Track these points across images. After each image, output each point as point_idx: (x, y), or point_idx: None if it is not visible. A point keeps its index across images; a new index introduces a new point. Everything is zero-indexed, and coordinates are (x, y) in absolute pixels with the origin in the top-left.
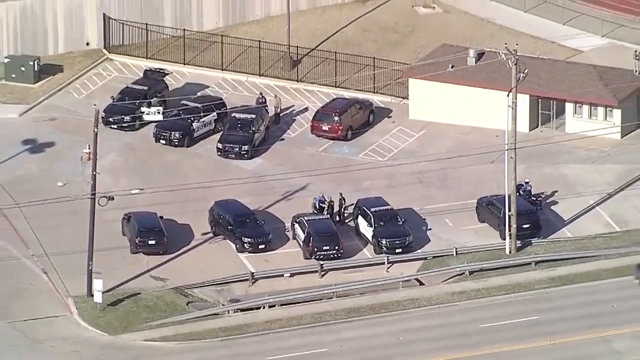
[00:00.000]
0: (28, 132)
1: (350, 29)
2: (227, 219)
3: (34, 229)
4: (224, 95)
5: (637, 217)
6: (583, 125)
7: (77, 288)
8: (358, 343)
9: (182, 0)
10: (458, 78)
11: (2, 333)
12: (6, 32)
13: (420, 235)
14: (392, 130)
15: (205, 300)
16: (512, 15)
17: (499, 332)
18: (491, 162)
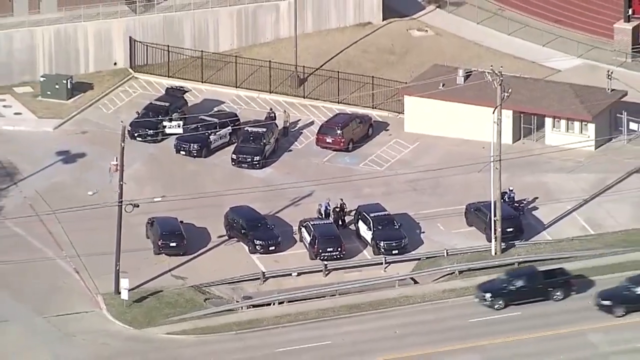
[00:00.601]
0: (61, 144)
1: (352, 50)
2: (240, 223)
3: (67, 233)
4: (238, 111)
5: (609, 222)
6: (561, 138)
7: (106, 286)
8: (358, 336)
9: (200, 24)
10: (448, 95)
11: (38, 327)
12: (42, 53)
13: (415, 237)
14: (389, 142)
15: (221, 297)
16: (497, 38)
17: (486, 326)
18: (478, 171)
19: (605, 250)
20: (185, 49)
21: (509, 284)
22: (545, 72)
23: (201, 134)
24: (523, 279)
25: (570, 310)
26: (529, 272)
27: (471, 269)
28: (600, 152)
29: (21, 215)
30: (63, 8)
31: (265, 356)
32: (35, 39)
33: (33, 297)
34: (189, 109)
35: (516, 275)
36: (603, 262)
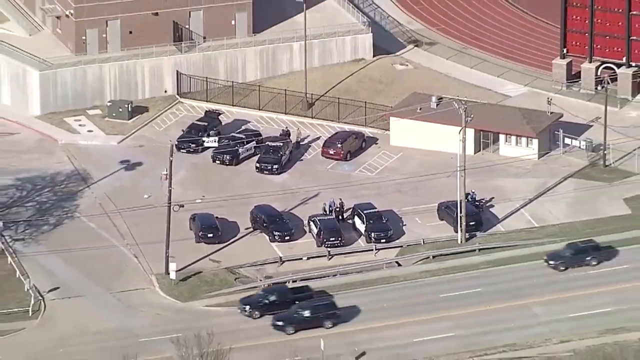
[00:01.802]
0: (124, 155)
1: (349, 80)
2: (262, 218)
3: (128, 226)
4: (261, 129)
5: (549, 217)
6: (512, 150)
7: (158, 268)
8: (365, 308)
9: (231, 60)
10: (424, 117)
11: (106, 301)
12: (109, 83)
13: (398, 229)
14: (378, 153)
15: (247, 277)
16: (461, 71)
17: (457, 300)
18: (447, 176)
19: (545, 240)
20: (220, 80)
21: (264, 298)
22: (499, 98)
23: (232, 147)
24: (275, 295)
25: None
26: (280, 289)
27: (442, 254)
28: (542, 161)
29: (93, 214)
30: (125, 48)
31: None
32: (104, 72)
33: (102, 277)
34: (222, 128)
35: (270, 292)
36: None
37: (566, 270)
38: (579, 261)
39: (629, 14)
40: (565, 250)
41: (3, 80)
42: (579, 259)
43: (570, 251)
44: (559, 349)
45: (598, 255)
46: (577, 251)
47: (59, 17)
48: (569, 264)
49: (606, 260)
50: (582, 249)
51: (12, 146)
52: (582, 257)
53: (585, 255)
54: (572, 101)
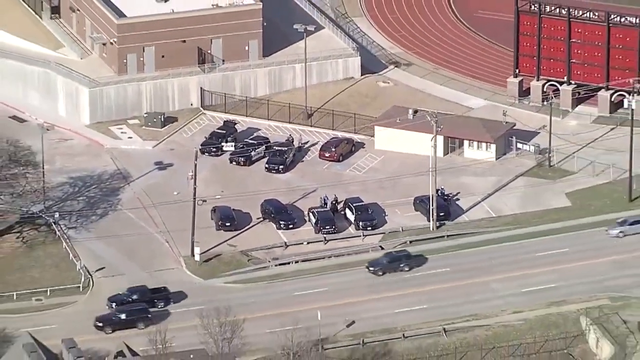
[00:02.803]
0: (157, 158)
1: (342, 95)
2: (270, 209)
3: (161, 216)
4: (269, 135)
5: (505, 208)
6: (474, 153)
7: (185, 251)
8: (347, 285)
9: (245, 79)
10: (403, 126)
11: (142, 278)
12: (145, 98)
13: (381, 219)
14: (365, 155)
15: (258, 259)
16: (434, 87)
17: (429, 277)
18: (421, 174)
19: (500, 227)
20: (236, 95)
21: (127, 297)
22: (463, 110)
23: (246, 151)
24: (137, 294)
25: None
26: (140, 289)
27: (417, 240)
28: (499, 162)
29: (132, 207)
30: (158, 70)
31: (286, 297)
32: (141, 89)
33: (140, 258)
34: (238, 135)
35: (133, 291)
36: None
37: (384, 275)
38: (394, 267)
39: (569, 41)
40: (383, 259)
41: (60, 96)
42: (394, 265)
43: (386, 259)
44: (513, 318)
45: (410, 262)
46: (392, 259)
47: (105, 44)
48: (385, 269)
49: (417, 266)
50: (396, 257)
51: (67, 150)
52: (397, 264)
53: (399, 262)
54: (523, 112)
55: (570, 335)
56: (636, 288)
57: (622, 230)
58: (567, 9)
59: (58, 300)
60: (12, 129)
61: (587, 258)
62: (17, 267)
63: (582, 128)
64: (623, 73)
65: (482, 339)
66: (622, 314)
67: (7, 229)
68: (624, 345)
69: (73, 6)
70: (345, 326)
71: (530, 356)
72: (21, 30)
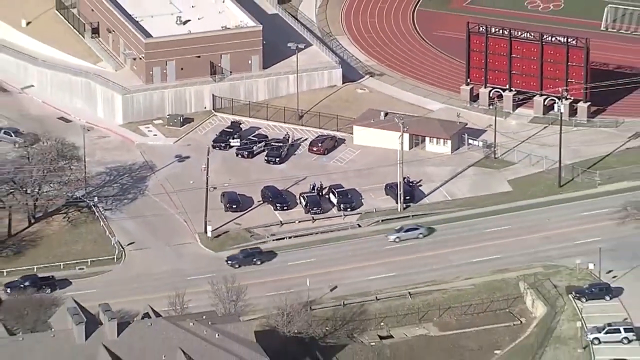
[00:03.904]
0: (177, 152)
1: (326, 100)
2: (269, 194)
3: (180, 200)
4: (268, 133)
5: (458, 193)
6: (435, 147)
7: (199, 229)
8: (330, 256)
9: (249, 87)
10: (376, 125)
11: (165, 251)
12: (167, 102)
13: (359, 202)
14: (346, 150)
15: (259, 234)
16: (401, 93)
17: (397, 250)
18: (391, 165)
19: (455, 208)
20: (241, 100)
21: (20, 283)
22: (425, 112)
23: (249, 146)
24: (29, 281)
25: None
26: (32, 277)
27: (387, 219)
28: (454, 155)
29: (157, 192)
30: (178, 79)
31: (281, 267)
32: (164, 95)
33: (162, 234)
34: (242, 133)
35: (26, 279)
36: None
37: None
38: (248, 262)
39: (510, 56)
40: (239, 254)
41: (98, 101)
42: (248, 260)
43: (242, 255)
44: (465, 284)
45: (261, 257)
46: (246, 255)
47: (135, 59)
48: (240, 263)
49: (267, 261)
50: (250, 254)
51: (104, 145)
52: (251, 259)
53: (252, 257)
54: (473, 114)
55: (511, 297)
56: (563, 258)
57: (399, 236)
58: (508, 30)
59: (96, 269)
60: (59, 129)
61: (525, 234)
62: (64, 242)
63: (521, 127)
64: (553, 82)
65: (440, 301)
66: (552, 280)
67: (55, 210)
68: (554, 305)
69: (109, 27)
70: (329, 290)
71: (479, 314)
72: (68, 47)
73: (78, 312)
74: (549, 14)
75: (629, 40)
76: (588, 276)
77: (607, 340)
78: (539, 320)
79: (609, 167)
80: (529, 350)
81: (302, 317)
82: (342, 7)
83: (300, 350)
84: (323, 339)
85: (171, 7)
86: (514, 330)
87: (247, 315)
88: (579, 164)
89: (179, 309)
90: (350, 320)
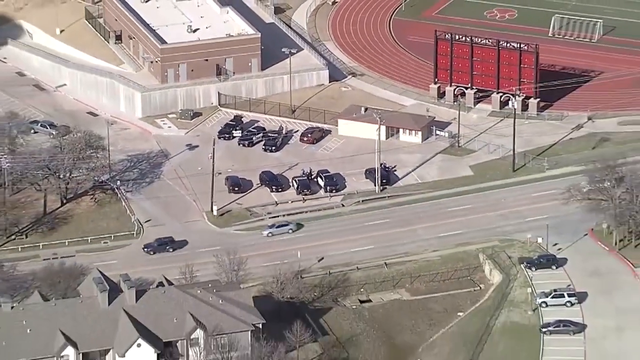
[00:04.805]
0: (188, 141)
1: (315, 97)
2: (266, 178)
3: (191, 183)
4: (265, 125)
5: (427, 176)
6: (408, 137)
7: (206, 208)
8: (320, 231)
9: (249, 86)
10: (357, 119)
11: (177, 227)
12: (180, 99)
13: (342, 184)
14: (332, 139)
15: (257, 213)
16: (379, 91)
17: (375, 226)
18: (370, 153)
19: (424, 189)
20: (243, 97)
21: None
22: (399, 107)
23: (249, 136)
24: None
25: None
26: None
27: (367, 199)
28: (423, 144)
29: (170, 177)
30: (189, 79)
31: (276, 241)
32: (177, 93)
33: (175, 213)
34: (244, 125)
35: None
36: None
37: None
38: (162, 249)
39: (472, 59)
40: (154, 242)
41: (121, 98)
42: (162, 247)
43: (157, 243)
44: (432, 255)
45: (173, 245)
46: (160, 243)
47: (152, 62)
48: (155, 250)
49: (179, 248)
50: (164, 242)
51: (126, 136)
52: (164, 247)
53: (166, 245)
54: (440, 109)
55: (472, 267)
56: (516, 233)
57: (271, 231)
58: (470, 37)
59: (118, 243)
60: (88, 122)
61: (484, 212)
62: (91, 219)
63: (481, 120)
64: (508, 81)
65: (411, 270)
66: (507, 252)
67: (84, 192)
68: (508, 274)
69: (130, 35)
70: (317, 261)
71: (445, 281)
72: (95, 51)
73: (102, 281)
74: (505, 22)
75: (573, 45)
76: (537, 249)
77: (553, 304)
78: (495, 287)
79: (555, 155)
80: (487, 312)
81: (293, 285)
82: (329, 16)
83: (292, 312)
84: (312, 303)
85: (183, 17)
86: (474, 295)
87: (246, 282)
88: (530, 152)
89: (189, 278)
90: (335, 286)
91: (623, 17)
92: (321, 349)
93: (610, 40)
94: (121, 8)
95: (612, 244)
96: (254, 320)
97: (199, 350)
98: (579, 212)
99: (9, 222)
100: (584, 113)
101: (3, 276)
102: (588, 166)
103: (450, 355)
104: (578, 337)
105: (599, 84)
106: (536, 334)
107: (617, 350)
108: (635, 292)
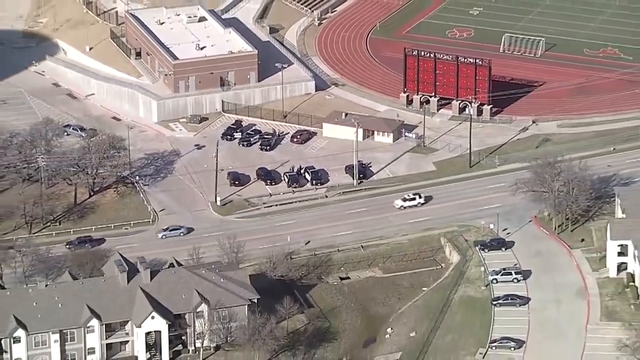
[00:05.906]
0: (196, 142)
1: (305, 104)
2: (262, 173)
3: (199, 178)
4: (261, 128)
5: (398, 171)
6: (381, 138)
7: (211, 199)
8: (309, 219)
9: (248, 95)
10: (338, 123)
11: (186, 216)
12: (189, 106)
13: (326, 179)
14: (317, 140)
15: (254, 203)
16: (358, 99)
17: (354, 214)
18: (349, 152)
19: (395, 183)
20: (243, 104)
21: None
22: (373, 112)
23: (247, 138)
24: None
25: None
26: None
27: (347, 191)
28: (395, 144)
29: (181, 173)
30: (197, 90)
31: (270, 227)
32: (187, 101)
33: (184, 203)
34: (243, 128)
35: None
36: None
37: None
38: (81, 246)
39: (435, 72)
40: (75, 240)
41: (140, 104)
42: (81, 245)
43: (77, 240)
44: (403, 239)
45: (92, 243)
46: (80, 241)
47: (166, 75)
48: (76, 247)
49: (97, 245)
50: (83, 240)
51: (144, 138)
52: (83, 244)
53: (85, 243)
54: (409, 114)
55: (435, 249)
56: (472, 220)
57: (165, 234)
58: (433, 53)
59: (137, 229)
60: (112, 126)
61: (445, 202)
62: (114, 209)
63: (442, 123)
64: (466, 91)
65: (384, 251)
66: (464, 236)
67: (108, 186)
68: (465, 255)
69: (148, 52)
70: (305, 244)
71: (412, 261)
72: (118, 65)
73: (122, 262)
74: (463, 40)
75: (521, 60)
76: (489, 233)
77: (502, 280)
78: (454, 266)
79: (504, 153)
80: (447, 287)
81: (284, 264)
82: (315, 35)
83: (283, 289)
84: (299, 280)
85: (192, 37)
86: (436, 272)
87: (244, 263)
88: (483, 151)
89: (195, 260)
90: (320, 266)
91: (562, 35)
92: (307, 319)
93: (552, 56)
94: (140, 29)
95: (552, 229)
96: (250, 296)
97: (204, 322)
98: (524, 202)
99: (45, 211)
100: (529, 117)
101: (40, 258)
102: (532, 163)
103: (416, 323)
104: (523, 308)
105: (542, 92)
106: (488, 306)
107: (555, 318)
108: (571, 270)
